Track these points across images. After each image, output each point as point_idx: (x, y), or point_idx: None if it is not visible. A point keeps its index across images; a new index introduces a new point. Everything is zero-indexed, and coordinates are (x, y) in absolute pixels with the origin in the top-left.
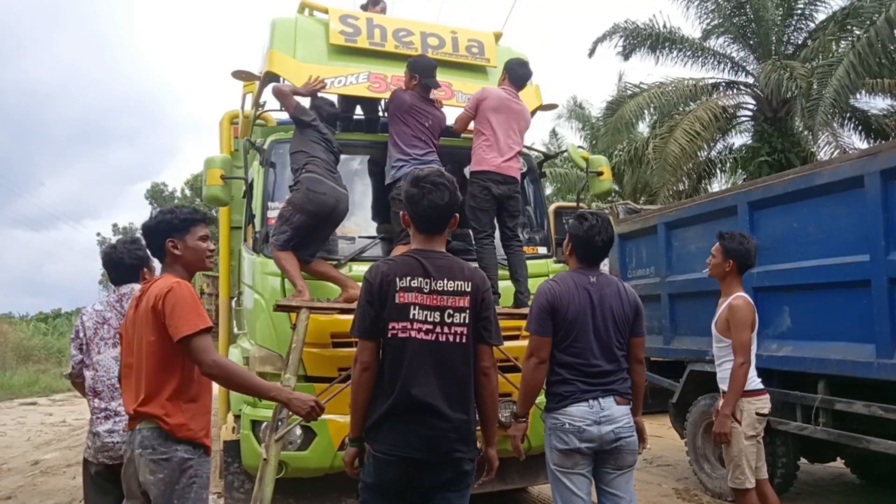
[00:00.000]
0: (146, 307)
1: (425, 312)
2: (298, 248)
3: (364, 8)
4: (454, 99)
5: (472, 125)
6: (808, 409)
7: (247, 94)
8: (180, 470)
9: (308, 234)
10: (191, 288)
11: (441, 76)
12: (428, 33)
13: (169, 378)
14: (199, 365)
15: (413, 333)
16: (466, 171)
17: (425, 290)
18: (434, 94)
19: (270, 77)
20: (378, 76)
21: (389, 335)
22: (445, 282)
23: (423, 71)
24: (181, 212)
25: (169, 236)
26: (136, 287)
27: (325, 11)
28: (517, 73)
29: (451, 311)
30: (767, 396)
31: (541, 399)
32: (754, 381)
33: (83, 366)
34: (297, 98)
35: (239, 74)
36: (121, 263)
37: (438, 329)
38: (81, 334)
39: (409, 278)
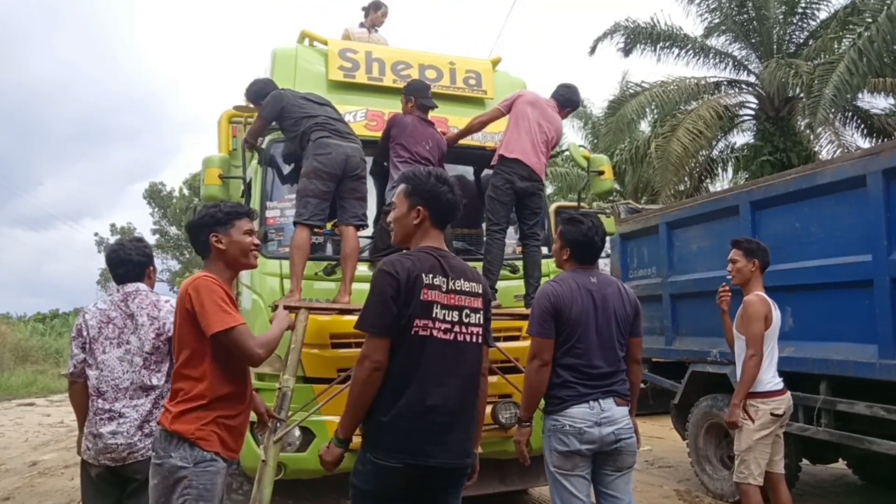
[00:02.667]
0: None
1: (444, 311)
2: (340, 214)
3: (365, 12)
4: (449, 133)
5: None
6: (810, 410)
7: (247, 118)
8: (173, 480)
9: (336, 198)
10: (211, 281)
11: (437, 111)
12: (426, 65)
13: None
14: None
15: (434, 332)
16: (469, 172)
17: (443, 289)
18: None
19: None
20: (375, 113)
21: (412, 332)
22: (462, 282)
23: (416, 92)
24: (225, 205)
25: (213, 230)
26: (142, 286)
27: (325, 43)
28: (559, 92)
29: (468, 312)
30: (785, 396)
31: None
32: (773, 382)
33: (86, 365)
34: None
35: (241, 109)
36: (128, 261)
37: (457, 328)
38: (85, 333)
39: (431, 276)
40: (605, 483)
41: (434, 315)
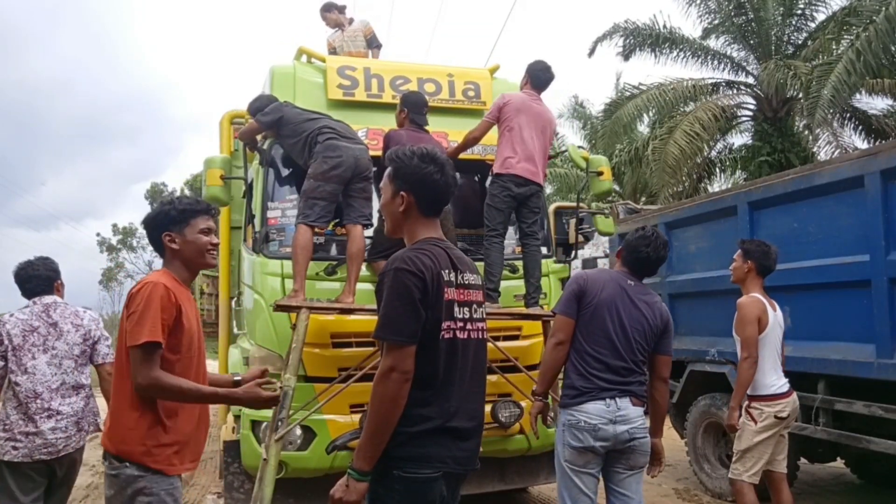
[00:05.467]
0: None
1: (460, 309)
2: (347, 212)
3: (327, 10)
4: (448, 149)
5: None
6: (808, 409)
7: (248, 120)
8: (132, 491)
9: (343, 198)
10: (160, 291)
11: (437, 126)
12: (424, 79)
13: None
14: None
15: (457, 333)
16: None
17: (455, 284)
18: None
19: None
20: (376, 131)
21: (444, 337)
22: (468, 275)
23: (411, 106)
24: (180, 202)
25: (166, 230)
26: (59, 299)
27: (323, 60)
28: (539, 78)
29: (476, 307)
30: (790, 399)
31: None
32: (776, 385)
33: (8, 372)
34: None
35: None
36: (36, 276)
37: (469, 326)
38: (7, 342)
39: (447, 271)
40: (617, 481)
41: (454, 314)
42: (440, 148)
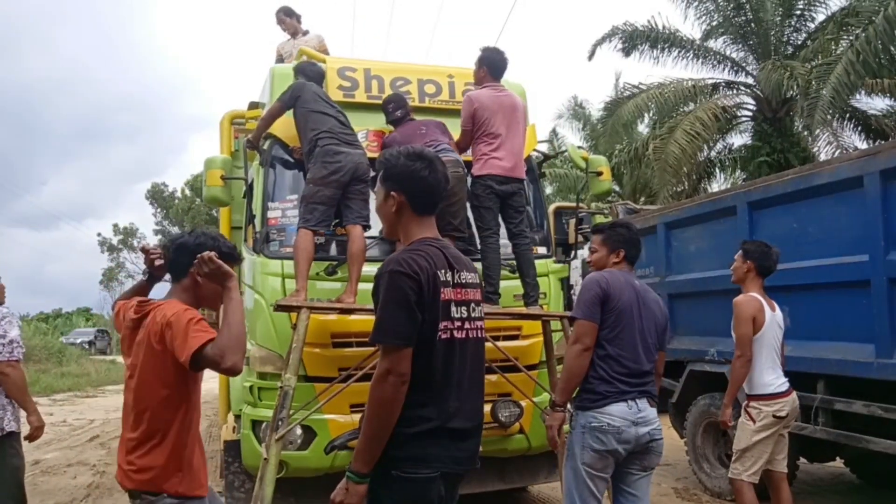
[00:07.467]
0: (150, 333)
1: (458, 308)
2: (346, 213)
3: (288, 14)
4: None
5: None
6: (807, 409)
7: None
8: None
9: (342, 200)
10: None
11: None
12: (425, 79)
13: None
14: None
15: (455, 333)
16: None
17: (452, 283)
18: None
19: (269, 135)
20: (376, 133)
21: (441, 337)
22: (465, 273)
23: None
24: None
25: None
26: None
27: (324, 61)
28: (499, 67)
29: (474, 305)
30: (789, 398)
31: (542, 399)
32: (775, 385)
33: None
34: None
35: (242, 130)
36: None
37: (468, 325)
38: None
39: (443, 271)
40: (629, 482)
41: (451, 314)
42: (442, 128)
